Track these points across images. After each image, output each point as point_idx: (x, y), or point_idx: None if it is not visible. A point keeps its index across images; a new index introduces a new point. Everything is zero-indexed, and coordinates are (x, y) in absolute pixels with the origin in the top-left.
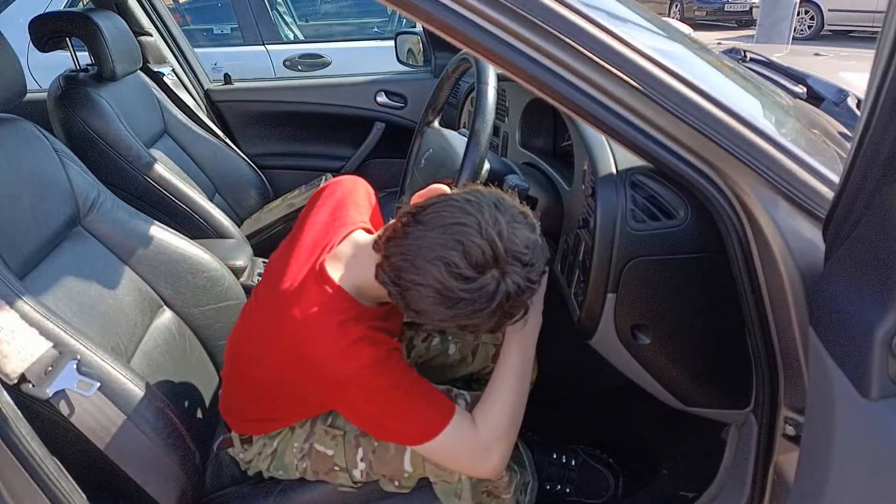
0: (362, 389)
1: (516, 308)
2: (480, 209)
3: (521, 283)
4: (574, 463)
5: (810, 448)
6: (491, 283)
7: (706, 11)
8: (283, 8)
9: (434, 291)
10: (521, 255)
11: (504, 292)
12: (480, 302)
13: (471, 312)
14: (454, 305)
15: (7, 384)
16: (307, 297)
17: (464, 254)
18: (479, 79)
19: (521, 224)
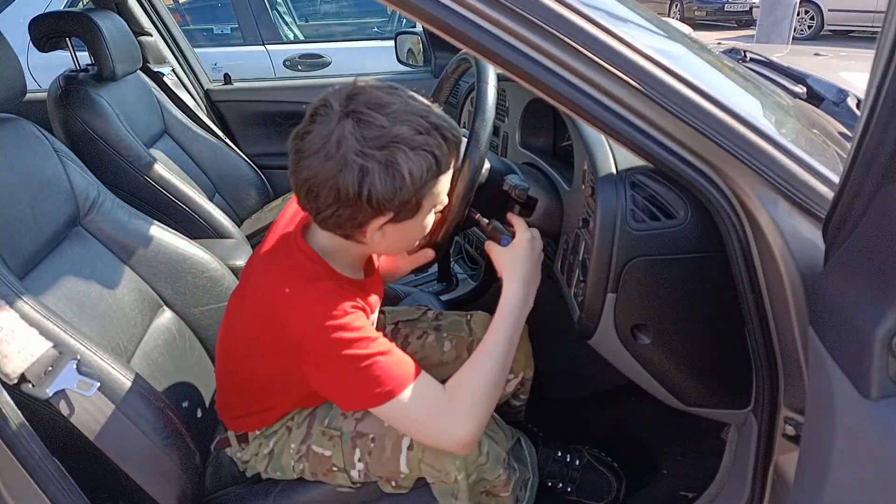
0: (325, 344)
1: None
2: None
3: (375, 120)
4: (578, 463)
5: (810, 448)
6: (336, 127)
7: (706, 11)
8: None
9: (314, 178)
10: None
11: (350, 130)
12: (336, 153)
13: (339, 170)
14: (321, 165)
15: (7, 384)
16: (281, 260)
17: (313, 132)
18: (479, 78)
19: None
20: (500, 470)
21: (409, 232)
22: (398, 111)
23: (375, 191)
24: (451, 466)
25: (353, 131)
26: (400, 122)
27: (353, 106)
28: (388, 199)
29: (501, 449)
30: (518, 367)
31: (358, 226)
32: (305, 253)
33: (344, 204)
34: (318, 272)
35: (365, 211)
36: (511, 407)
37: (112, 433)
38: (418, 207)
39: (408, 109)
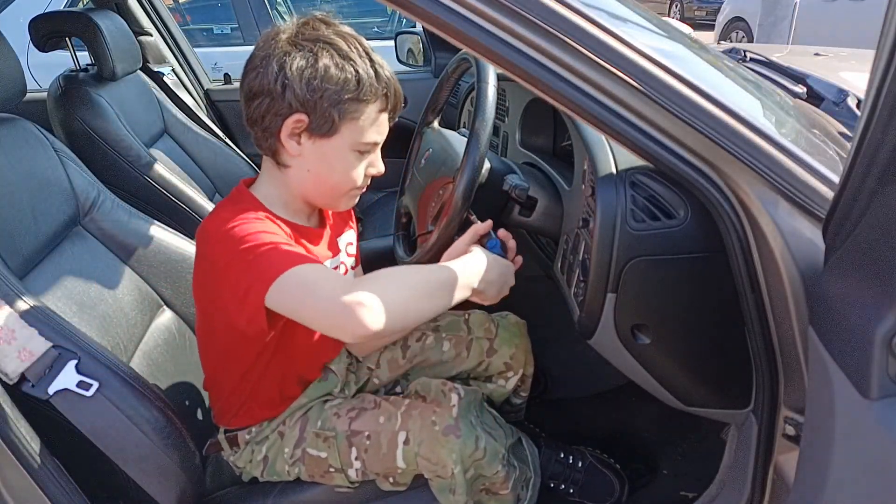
0: (223, 241)
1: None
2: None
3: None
4: (580, 464)
5: (810, 448)
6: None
7: (706, 11)
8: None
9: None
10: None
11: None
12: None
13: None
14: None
15: (7, 384)
16: (223, 205)
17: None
18: (479, 77)
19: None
20: (499, 466)
21: (327, 158)
22: (344, 32)
23: (290, 76)
24: (448, 460)
25: (295, 31)
26: (341, 37)
27: (304, 20)
28: (300, 91)
29: (500, 445)
30: (517, 364)
31: (276, 122)
32: (242, 194)
33: (266, 94)
34: (248, 207)
35: (280, 103)
36: (512, 405)
37: (112, 433)
38: (333, 124)
39: (355, 38)
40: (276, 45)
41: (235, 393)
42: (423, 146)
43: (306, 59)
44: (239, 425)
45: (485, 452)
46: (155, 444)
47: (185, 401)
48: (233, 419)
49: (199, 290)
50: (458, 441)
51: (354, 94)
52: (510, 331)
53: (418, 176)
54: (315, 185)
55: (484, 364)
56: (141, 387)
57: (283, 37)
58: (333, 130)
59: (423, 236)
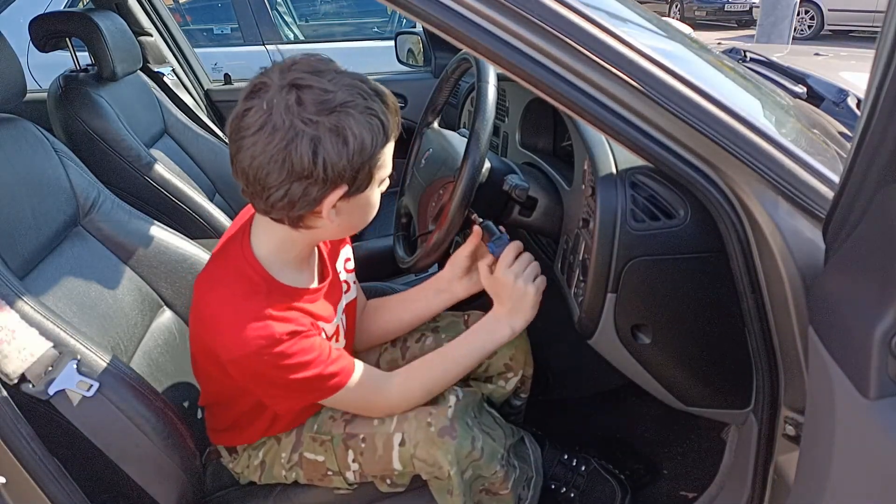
0: (250, 370)
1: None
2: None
3: (317, 85)
4: (584, 469)
5: (810, 448)
6: (278, 99)
7: (706, 11)
8: (284, 8)
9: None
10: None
11: (294, 99)
12: (282, 125)
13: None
14: (269, 140)
15: (7, 384)
16: (226, 273)
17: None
18: (480, 77)
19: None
20: (497, 467)
21: (361, 208)
22: (337, 77)
23: (330, 159)
24: (444, 460)
25: (297, 99)
26: (342, 86)
27: (292, 76)
28: (343, 168)
29: (498, 446)
30: (517, 365)
31: (312, 203)
32: (247, 258)
33: (297, 179)
34: (255, 285)
35: (319, 184)
36: (512, 407)
37: (112, 433)
38: (370, 177)
39: (346, 75)
40: (290, 128)
41: (238, 425)
42: (423, 146)
43: (340, 138)
44: (236, 443)
45: (482, 453)
46: (155, 445)
47: (185, 401)
48: (231, 440)
49: (204, 346)
50: (453, 442)
51: (383, 138)
52: None
53: (418, 176)
54: (341, 231)
55: (483, 365)
56: (141, 387)
57: (289, 112)
58: (371, 183)
59: (424, 236)
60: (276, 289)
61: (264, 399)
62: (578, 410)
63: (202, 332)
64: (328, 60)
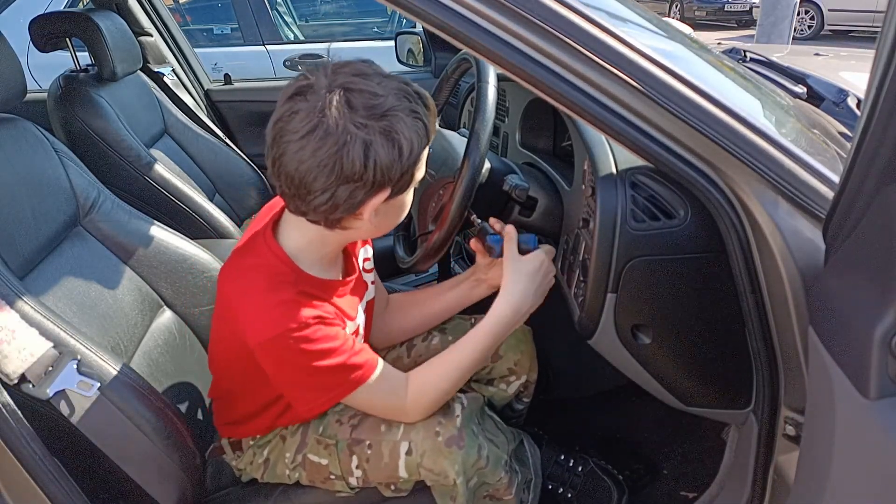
0: (276, 356)
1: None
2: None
3: (367, 88)
4: (581, 469)
5: (810, 448)
6: (327, 102)
7: (706, 11)
8: (284, 8)
9: (309, 162)
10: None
11: (331, 103)
12: (335, 130)
13: (341, 146)
14: (312, 142)
15: (7, 384)
16: (248, 258)
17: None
18: (480, 77)
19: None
20: (502, 473)
21: (397, 209)
22: (384, 81)
23: (381, 162)
24: (450, 470)
25: (347, 103)
26: (390, 90)
27: (341, 79)
28: (391, 171)
29: (502, 452)
30: (521, 370)
31: (355, 206)
32: (273, 249)
33: (344, 183)
34: (282, 275)
35: (366, 188)
36: (513, 411)
37: (112, 433)
38: (411, 179)
39: (391, 79)
40: (343, 126)
41: (251, 419)
42: None
43: (390, 142)
44: (245, 435)
45: (487, 461)
46: (155, 445)
47: (185, 401)
48: (240, 433)
49: (226, 339)
50: (461, 452)
51: (426, 140)
52: (516, 336)
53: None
54: (376, 232)
55: (487, 368)
56: (141, 387)
57: (347, 116)
58: (410, 182)
59: (424, 237)
60: (303, 279)
61: (287, 392)
62: (578, 410)
63: (227, 322)
64: (371, 63)
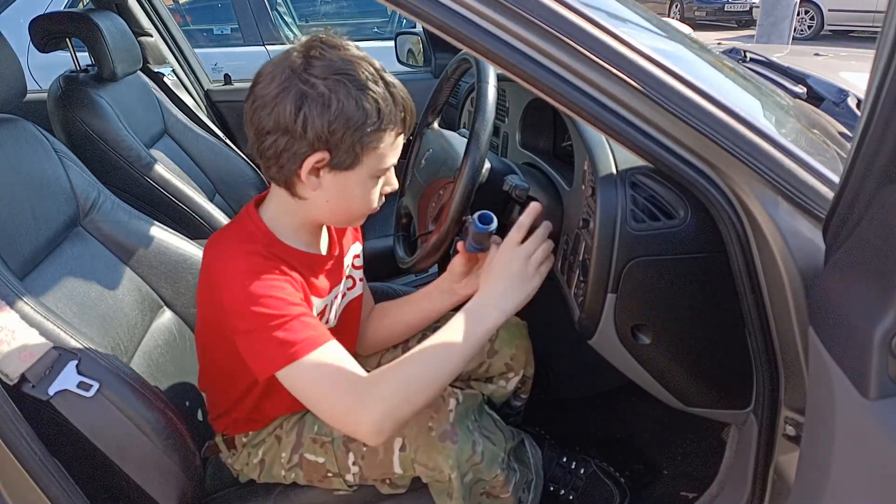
0: (238, 301)
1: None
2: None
3: (332, 56)
4: (583, 471)
5: (810, 448)
6: (292, 62)
7: (706, 11)
8: (284, 8)
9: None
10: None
11: (303, 62)
12: (283, 80)
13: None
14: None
15: (7, 385)
16: (229, 227)
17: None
18: (480, 77)
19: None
20: (498, 470)
21: (348, 189)
22: (354, 57)
23: (310, 118)
24: (445, 465)
25: (303, 61)
26: (352, 63)
27: (311, 45)
28: (321, 130)
29: (499, 449)
30: (518, 365)
31: (295, 160)
32: (252, 218)
33: (282, 132)
34: (255, 236)
35: (300, 142)
36: (511, 408)
37: (112, 433)
38: (356, 158)
39: (365, 61)
40: (287, 81)
41: (236, 406)
42: (423, 147)
43: (323, 97)
44: (236, 432)
45: (482, 457)
46: (155, 445)
47: (185, 401)
48: (231, 426)
49: (203, 306)
50: (454, 447)
51: (375, 126)
52: (511, 332)
53: (418, 176)
54: (333, 213)
55: (485, 365)
56: (141, 387)
57: (293, 70)
58: (356, 163)
59: (424, 237)
60: (275, 244)
61: (244, 349)
62: (578, 410)
63: (207, 291)
64: (358, 49)
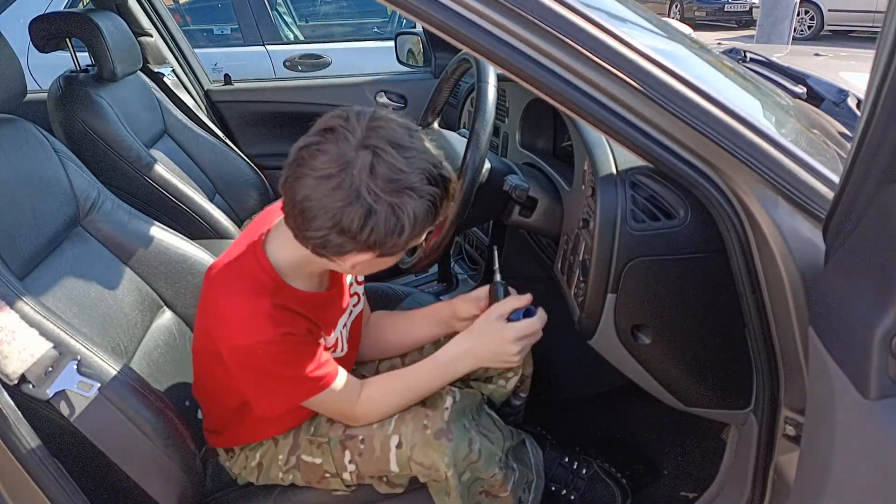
0: (244, 360)
1: (393, 195)
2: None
3: (394, 161)
4: (585, 472)
5: (810, 448)
6: (354, 158)
7: (706, 11)
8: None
9: (316, 201)
10: (388, 135)
11: (363, 163)
12: (349, 186)
13: (347, 203)
14: (330, 192)
15: (7, 385)
16: (233, 265)
17: (328, 152)
18: (480, 78)
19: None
20: (496, 469)
21: (383, 263)
22: (415, 157)
23: (377, 232)
24: (440, 463)
25: (370, 167)
26: (416, 169)
27: (375, 140)
28: (384, 241)
29: (496, 448)
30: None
31: (341, 253)
32: (260, 261)
33: (338, 234)
34: (264, 286)
35: (356, 245)
36: (511, 407)
37: (112, 434)
38: (402, 249)
39: (424, 157)
40: (352, 191)
41: (232, 422)
42: None
43: (393, 217)
44: (228, 445)
45: (479, 455)
46: (155, 445)
47: (185, 401)
48: (222, 440)
49: (201, 338)
50: (449, 445)
51: (431, 221)
52: None
53: None
54: (354, 272)
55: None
56: (141, 387)
57: (357, 178)
58: (400, 251)
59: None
60: (283, 291)
61: (248, 393)
62: (579, 411)
63: (205, 321)
64: (410, 128)
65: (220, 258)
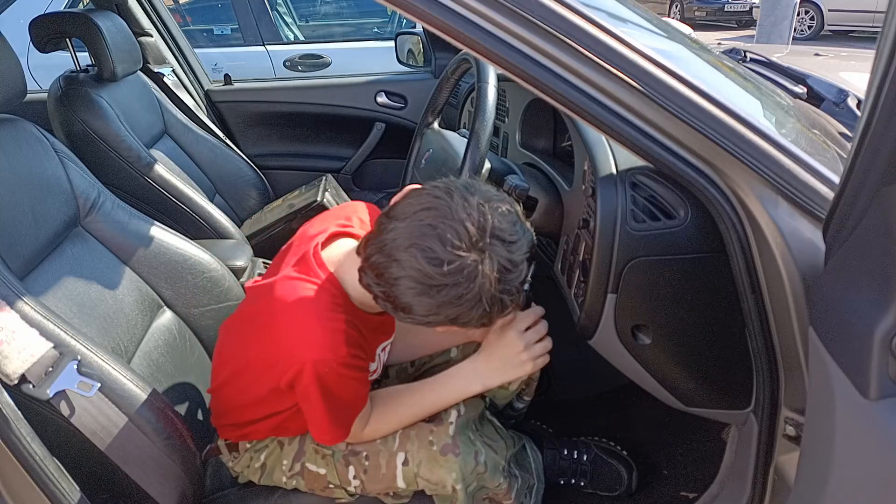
0: (311, 379)
1: (505, 293)
2: (450, 193)
3: (504, 261)
4: (586, 458)
5: (810, 448)
6: (470, 264)
7: (706, 11)
8: (284, 8)
9: (414, 281)
10: (500, 233)
11: (485, 273)
12: (462, 286)
13: (454, 298)
14: (437, 293)
15: (7, 385)
16: (303, 275)
17: (439, 238)
18: (480, 78)
19: (497, 201)
20: (500, 478)
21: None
22: (519, 248)
23: (467, 318)
24: (448, 478)
25: (495, 275)
26: (521, 262)
27: (489, 240)
28: (465, 320)
29: (500, 458)
30: None
31: (420, 322)
32: (329, 279)
33: (451, 320)
34: (337, 302)
35: (439, 319)
36: (514, 410)
37: (112, 434)
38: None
39: (524, 247)
40: (478, 292)
41: (256, 425)
42: (423, 147)
43: (497, 262)
44: (244, 439)
45: (485, 467)
46: (155, 445)
47: (186, 401)
48: (240, 434)
49: (249, 347)
50: (457, 459)
51: (496, 313)
52: None
53: (418, 176)
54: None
55: None
56: (141, 387)
57: (485, 288)
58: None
59: None
60: (351, 311)
61: (306, 410)
62: (579, 411)
63: (263, 328)
64: (513, 207)
65: (276, 271)
